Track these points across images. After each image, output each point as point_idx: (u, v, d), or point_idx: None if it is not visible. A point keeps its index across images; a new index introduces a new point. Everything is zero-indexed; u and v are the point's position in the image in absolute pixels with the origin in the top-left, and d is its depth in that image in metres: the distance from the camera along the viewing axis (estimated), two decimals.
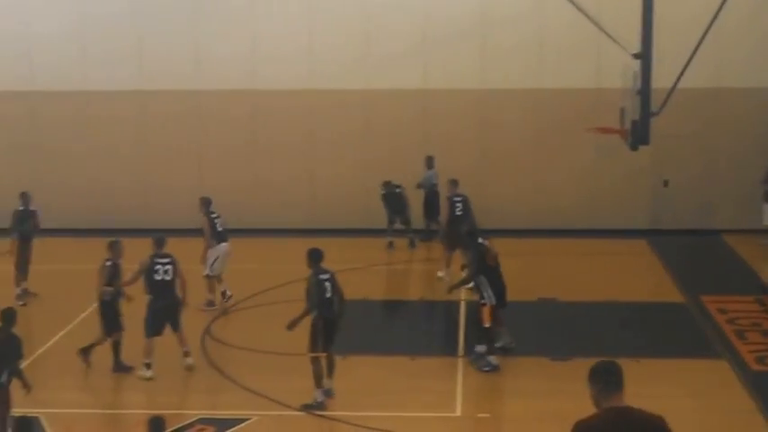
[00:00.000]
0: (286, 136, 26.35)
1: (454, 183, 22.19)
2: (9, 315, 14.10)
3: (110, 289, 16.91)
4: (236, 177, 26.39)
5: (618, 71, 20.71)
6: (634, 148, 20.18)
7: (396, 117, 26.12)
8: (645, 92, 19.44)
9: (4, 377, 13.59)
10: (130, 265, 17.30)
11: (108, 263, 16.99)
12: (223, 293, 20.09)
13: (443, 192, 23.43)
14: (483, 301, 16.97)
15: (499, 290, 17.08)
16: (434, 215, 24.66)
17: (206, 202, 20.33)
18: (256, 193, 26.48)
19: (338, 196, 26.29)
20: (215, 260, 20.00)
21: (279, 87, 26.07)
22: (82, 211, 26.39)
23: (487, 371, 16.75)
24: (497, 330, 17.22)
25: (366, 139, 26.20)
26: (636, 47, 19.52)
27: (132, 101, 26.39)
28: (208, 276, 20.07)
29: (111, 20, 26.21)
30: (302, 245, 19.12)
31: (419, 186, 24.89)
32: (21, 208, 20.92)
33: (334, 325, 15.42)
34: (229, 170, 26.42)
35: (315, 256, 15.54)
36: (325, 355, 15.48)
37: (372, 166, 25.87)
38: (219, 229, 20.16)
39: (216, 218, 20.22)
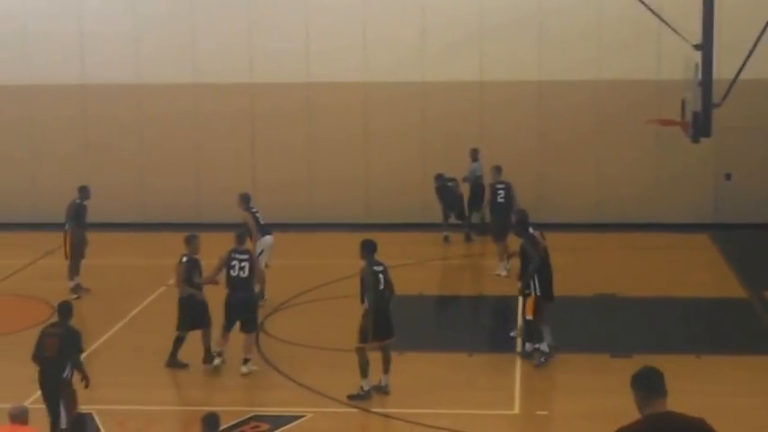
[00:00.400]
0: (340, 129, 26.18)
1: (497, 170, 22.11)
2: (66, 309, 14.11)
3: (193, 291, 16.73)
4: (291, 172, 26.26)
5: (679, 62, 20.32)
6: (696, 140, 19.80)
7: (452, 109, 25.87)
8: (706, 83, 19.04)
9: (67, 371, 13.51)
10: (163, 260, 17.21)
11: (185, 258, 16.82)
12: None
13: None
14: (527, 292, 16.72)
15: (546, 282, 16.79)
16: (478, 208, 24.44)
17: (246, 198, 20.29)
18: (311, 187, 26.34)
19: (393, 190, 26.08)
20: (261, 252, 19.91)
21: (333, 80, 25.88)
22: (133, 207, 26.38)
23: (542, 362, 16.48)
24: (541, 327, 16.86)
25: (422, 132, 25.97)
26: (697, 37, 19.11)
27: (185, 96, 26.31)
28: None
29: (165, 14, 26.14)
30: (357, 240, 18.98)
31: (465, 180, 24.68)
32: (77, 201, 20.89)
33: (386, 317, 15.26)
34: (283, 165, 26.29)
35: (369, 248, 15.51)
36: (375, 345, 15.33)
37: (428, 159, 25.67)
38: (262, 222, 20.10)
39: (256, 212, 20.18)
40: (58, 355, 13.57)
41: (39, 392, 15.14)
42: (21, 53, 26.46)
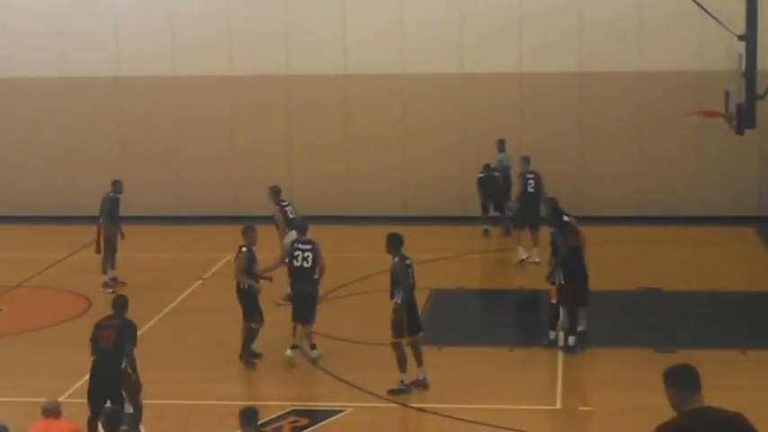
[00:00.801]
0: (378, 122, 26.01)
1: (526, 160, 22.11)
2: (121, 302, 14.05)
3: (252, 282, 16.60)
4: (328, 165, 26.12)
5: (721, 52, 20.02)
6: (740, 132, 19.57)
7: (491, 100, 25.64)
8: (750, 74, 18.77)
9: (125, 362, 13.48)
10: (199, 254, 17.08)
11: (244, 249, 16.68)
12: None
13: (516, 175, 23.65)
14: (553, 281, 16.78)
15: (577, 272, 16.65)
16: (506, 199, 24.24)
17: (275, 191, 20.19)
18: (348, 180, 26.19)
19: (431, 183, 25.86)
20: None
21: (371, 72, 25.70)
22: (170, 201, 26.29)
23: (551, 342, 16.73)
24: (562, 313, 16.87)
25: (461, 124, 25.73)
26: (740, 27, 18.81)
27: (221, 89, 26.21)
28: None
29: (201, 8, 26.05)
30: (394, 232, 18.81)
31: (493, 171, 24.46)
32: (111, 194, 20.80)
33: (415, 312, 15.19)
34: (320, 158, 26.15)
35: (397, 241, 15.41)
36: (408, 340, 15.16)
37: (467, 151, 25.47)
38: (291, 216, 19.94)
39: (286, 206, 20.06)
40: (115, 347, 13.51)
41: (76, 386, 15.15)
42: (56, 50, 26.42)
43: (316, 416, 14.53)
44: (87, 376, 13.66)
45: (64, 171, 26.71)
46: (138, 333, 17.94)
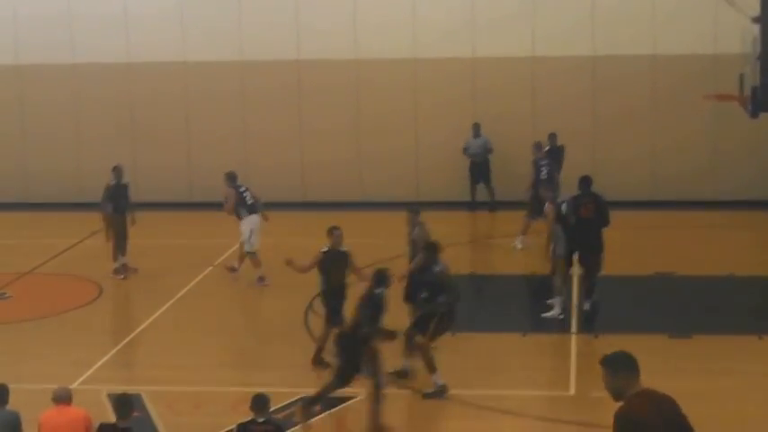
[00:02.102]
0: (389, 106, 25.87)
1: (539, 146, 21.66)
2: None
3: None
4: (339, 150, 26.01)
5: (736, 35, 19.84)
6: (754, 115, 19.38)
7: (503, 85, 25.48)
8: (765, 57, 18.53)
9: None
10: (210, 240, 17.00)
11: (324, 249, 16.17)
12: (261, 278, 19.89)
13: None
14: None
15: (588, 243, 17.29)
16: (485, 182, 24.92)
17: (231, 177, 20.09)
18: (360, 165, 26.07)
19: (444, 168, 25.71)
20: (251, 233, 19.69)
21: (382, 57, 25.56)
22: (180, 187, 26.17)
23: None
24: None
25: (473, 109, 25.56)
26: (755, 9, 18.61)
27: (232, 73, 26.09)
28: (249, 253, 19.78)
29: None
30: (407, 218, 18.71)
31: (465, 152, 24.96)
32: (113, 182, 20.71)
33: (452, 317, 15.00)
34: (332, 143, 26.03)
35: (435, 249, 15.19)
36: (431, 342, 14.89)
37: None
38: (249, 201, 19.96)
39: (245, 191, 20.06)
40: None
41: (87, 373, 15.11)
42: (66, 36, 26.32)
43: (327, 402, 14.36)
44: (99, 363, 13.61)
45: (74, 157, 26.62)
46: (150, 319, 18.14)
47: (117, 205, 20.57)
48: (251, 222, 19.84)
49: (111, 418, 11.72)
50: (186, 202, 25.61)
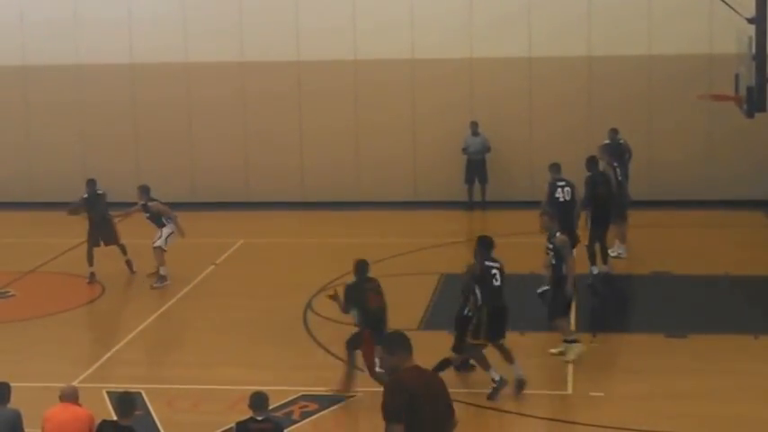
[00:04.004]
0: (388, 107, 25.96)
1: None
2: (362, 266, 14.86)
3: None
4: (338, 150, 26.11)
5: (731, 35, 19.92)
6: (750, 115, 19.40)
7: (501, 86, 25.57)
8: (760, 57, 18.60)
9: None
10: (212, 240, 17.06)
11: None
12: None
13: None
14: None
15: (601, 217, 19.00)
16: (481, 181, 24.96)
17: (146, 189, 20.26)
18: (359, 166, 26.16)
19: (442, 168, 25.81)
20: (170, 235, 19.96)
21: (380, 57, 25.66)
22: (183, 187, 26.21)
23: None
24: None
25: (470, 110, 25.67)
26: (750, 10, 18.69)
27: (232, 75, 26.19)
28: (161, 249, 19.92)
29: None
30: (405, 218, 18.81)
31: (464, 151, 25.01)
32: (85, 195, 20.76)
33: (504, 315, 14.83)
34: (331, 143, 26.12)
35: (486, 244, 15.22)
36: (487, 344, 14.78)
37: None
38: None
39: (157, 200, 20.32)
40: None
41: (88, 371, 15.24)
42: (71, 37, 26.43)
43: (325, 401, 14.51)
44: (100, 361, 13.71)
45: (79, 158, 26.69)
46: (150, 318, 18.25)
47: (93, 215, 20.54)
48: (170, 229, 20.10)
49: (112, 415, 11.81)
50: (188, 201, 25.71)
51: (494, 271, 14.83)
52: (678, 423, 13.77)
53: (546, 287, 16.80)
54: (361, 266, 14.99)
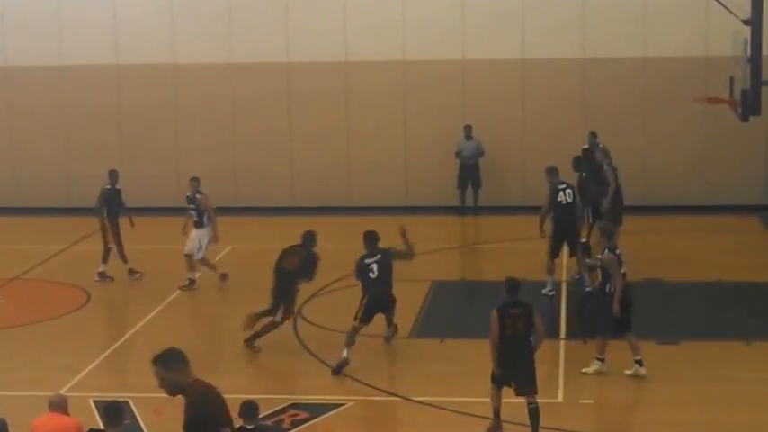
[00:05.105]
0: (379, 109, 25.83)
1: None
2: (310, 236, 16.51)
3: None
4: (329, 154, 25.97)
5: (727, 38, 19.79)
6: (744, 118, 19.25)
7: (493, 88, 25.46)
8: (755, 59, 18.46)
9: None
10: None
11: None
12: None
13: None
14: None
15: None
16: (474, 186, 24.98)
17: (196, 181, 20.21)
18: (349, 170, 26.03)
19: (434, 172, 25.66)
20: (207, 244, 19.94)
21: (371, 59, 25.52)
22: (170, 191, 25.93)
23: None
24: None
25: (462, 112, 25.54)
26: (746, 12, 18.57)
27: (221, 77, 26.03)
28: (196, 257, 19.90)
29: None
30: (396, 223, 18.67)
31: (457, 155, 24.97)
32: (107, 186, 20.64)
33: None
34: (321, 146, 25.98)
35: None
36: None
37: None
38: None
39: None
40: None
41: (75, 379, 15.12)
42: (54, 38, 26.23)
43: (315, 409, 14.39)
44: (87, 369, 13.56)
45: (63, 162, 26.51)
46: (138, 325, 18.09)
47: (109, 210, 20.50)
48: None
49: (100, 425, 11.66)
50: (175, 206, 25.46)
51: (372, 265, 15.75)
52: (669, 431, 13.67)
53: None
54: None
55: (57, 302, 19.52)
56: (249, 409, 11.15)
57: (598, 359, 15.47)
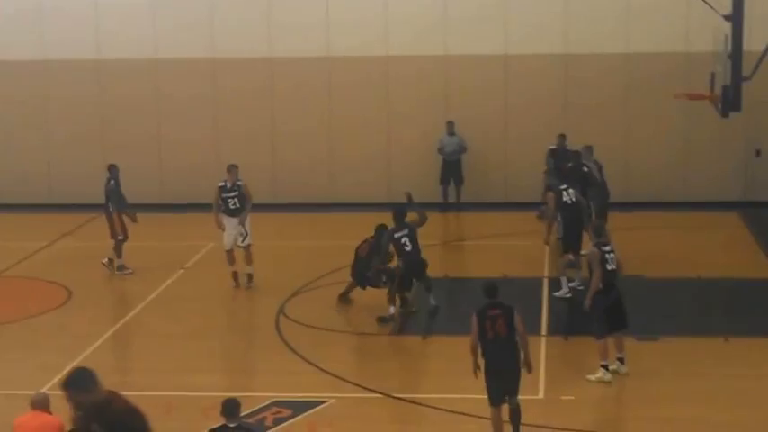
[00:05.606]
0: (362, 105, 25.80)
1: (588, 149, 21.49)
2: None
3: None
4: (311, 149, 25.94)
5: (708, 34, 19.86)
6: (725, 114, 19.35)
7: (476, 83, 25.44)
8: (736, 55, 18.54)
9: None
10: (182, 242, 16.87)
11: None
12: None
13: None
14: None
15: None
16: (456, 182, 25.06)
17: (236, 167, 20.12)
18: (332, 166, 26.00)
19: (417, 168, 25.64)
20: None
21: (354, 54, 25.48)
22: (151, 187, 25.87)
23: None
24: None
25: (444, 107, 25.53)
26: (727, 8, 18.63)
27: (203, 71, 25.95)
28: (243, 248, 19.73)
29: None
30: (379, 220, 18.68)
31: (439, 151, 25.00)
32: (112, 182, 20.58)
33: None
34: (304, 142, 25.94)
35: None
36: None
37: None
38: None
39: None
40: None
41: (56, 378, 15.04)
42: (35, 32, 26.09)
43: (298, 407, 14.36)
44: (68, 367, 13.48)
45: (43, 157, 26.35)
46: (120, 322, 18.03)
47: (114, 204, 20.48)
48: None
49: None
50: (157, 203, 25.45)
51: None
52: (650, 427, 13.74)
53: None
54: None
55: (37, 300, 19.38)
56: (231, 406, 11.07)
57: (603, 366, 15.19)
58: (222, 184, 19.79)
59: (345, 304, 18.42)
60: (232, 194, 19.67)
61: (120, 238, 20.49)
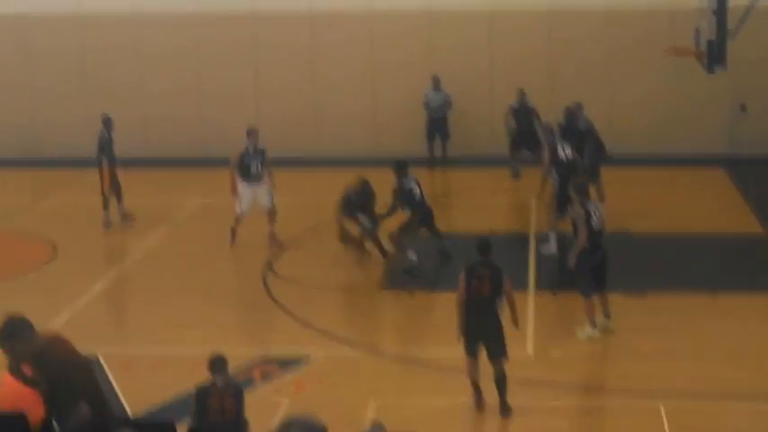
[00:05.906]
0: (346, 62, 25.63)
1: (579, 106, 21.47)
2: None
3: None
4: (296, 106, 25.78)
5: None
6: (710, 70, 19.31)
7: (460, 40, 25.29)
8: (721, 11, 18.49)
9: None
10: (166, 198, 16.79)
11: None
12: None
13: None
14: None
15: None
16: (443, 138, 24.98)
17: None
18: (317, 122, 25.88)
19: (401, 125, 25.56)
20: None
21: (337, 9, 25.29)
22: (135, 143, 25.54)
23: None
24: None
25: (429, 65, 25.37)
26: None
27: (186, 26, 25.71)
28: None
29: None
30: (365, 175, 18.65)
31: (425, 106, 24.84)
32: (106, 135, 20.45)
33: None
34: (288, 99, 25.75)
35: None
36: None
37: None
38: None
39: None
40: None
41: None
42: None
43: (285, 363, 14.39)
44: (54, 325, 13.46)
45: (26, 111, 26.08)
46: (105, 279, 17.95)
47: (111, 157, 20.38)
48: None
49: None
50: (141, 158, 25.28)
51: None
52: (638, 382, 13.80)
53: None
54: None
55: (23, 258, 19.29)
56: (218, 363, 11.07)
57: (590, 323, 15.23)
58: (244, 149, 19.51)
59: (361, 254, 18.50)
60: (255, 159, 19.48)
61: (107, 191, 20.34)
